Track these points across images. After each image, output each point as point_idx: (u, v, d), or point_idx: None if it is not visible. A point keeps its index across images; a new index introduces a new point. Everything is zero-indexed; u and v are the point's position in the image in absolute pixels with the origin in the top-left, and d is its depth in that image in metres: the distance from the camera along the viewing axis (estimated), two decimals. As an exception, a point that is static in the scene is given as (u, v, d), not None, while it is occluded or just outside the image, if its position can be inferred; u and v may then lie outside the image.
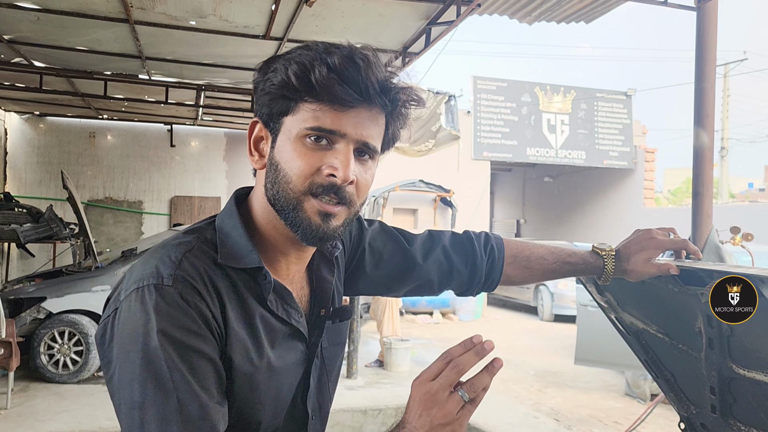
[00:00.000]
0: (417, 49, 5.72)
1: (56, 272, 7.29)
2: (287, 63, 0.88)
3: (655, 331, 1.47)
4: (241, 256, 0.92)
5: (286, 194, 0.90)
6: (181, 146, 11.09)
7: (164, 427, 0.78)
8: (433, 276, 1.26)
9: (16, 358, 5.24)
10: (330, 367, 1.08)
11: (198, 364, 0.82)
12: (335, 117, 0.87)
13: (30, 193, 10.14)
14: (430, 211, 13.40)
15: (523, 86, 13.92)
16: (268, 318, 0.94)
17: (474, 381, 0.84)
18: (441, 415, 0.82)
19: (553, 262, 1.31)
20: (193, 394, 0.81)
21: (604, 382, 7.26)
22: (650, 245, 1.24)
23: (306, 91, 0.87)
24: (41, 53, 6.34)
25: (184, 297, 0.83)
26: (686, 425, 1.63)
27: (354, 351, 6.58)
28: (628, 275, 1.27)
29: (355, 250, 1.21)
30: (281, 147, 0.91)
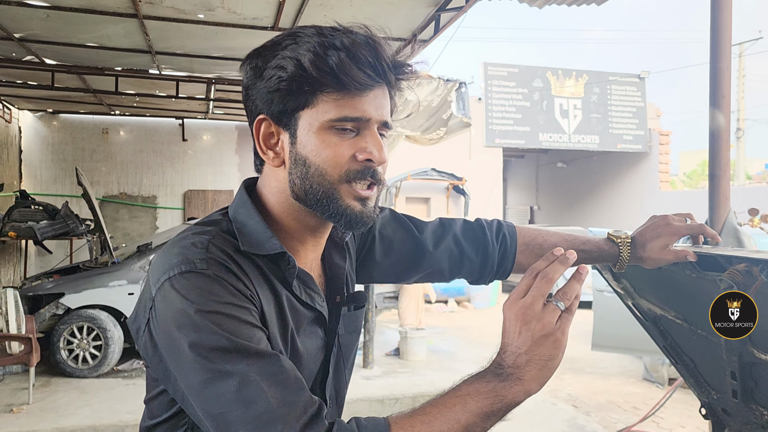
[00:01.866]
0: (426, 36, 5.67)
1: (73, 268, 7.36)
2: (296, 55, 0.87)
3: (673, 317, 1.45)
4: (261, 243, 0.91)
5: (321, 186, 0.89)
6: (193, 140, 11.12)
7: (243, 391, 0.77)
8: (443, 264, 1.25)
9: (37, 354, 5.31)
10: (347, 355, 1.09)
11: (251, 332, 0.82)
12: (358, 103, 0.88)
13: (46, 191, 10.23)
14: (442, 199, 13.36)
15: (534, 71, 13.79)
16: (294, 302, 0.95)
17: (566, 289, 0.84)
18: (540, 327, 0.81)
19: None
20: (259, 354, 0.80)
21: (622, 367, 7.23)
22: (666, 231, 1.22)
23: (326, 82, 0.86)
24: (52, 50, 6.37)
25: (221, 276, 0.83)
26: (707, 411, 1.61)
27: (370, 341, 6.59)
28: (644, 263, 1.25)
29: (365, 237, 1.21)
30: (305, 141, 0.89)
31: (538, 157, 17.66)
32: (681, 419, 5.32)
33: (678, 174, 30.59)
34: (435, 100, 7.33)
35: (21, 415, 4.88)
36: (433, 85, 7.15)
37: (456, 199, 13.38)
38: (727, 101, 3.81)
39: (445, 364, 6.91)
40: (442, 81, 7.22)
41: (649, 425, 5.01)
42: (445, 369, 6.64)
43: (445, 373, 6.43)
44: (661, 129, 14.63)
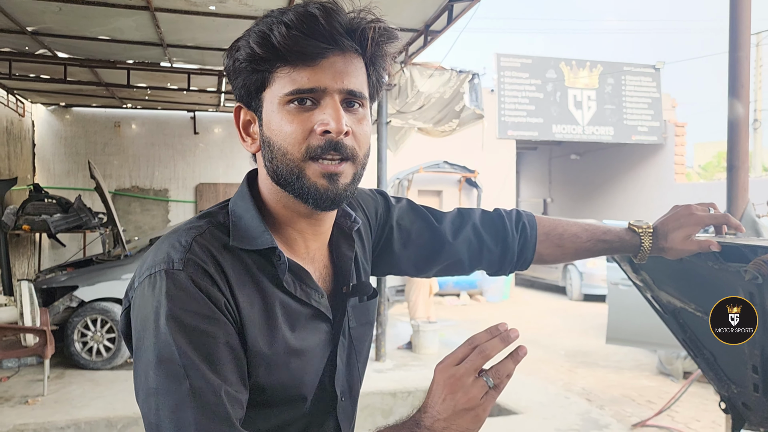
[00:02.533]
0: (439, 27, 5.62)
1: (87, 261, 7.41)
2: (248, 36, 0.87)
3: (693, 309, 1.42)
4: (253, 238, 0.90)
5: (286, 166, 0.88)
6: (205, 133, 11.14)
7: (178, 413, 0.77)
8: (463, 255, 1.22)
9: (51, 346, 5.35)
10: (359, 348, 1.06)
11: (210, 348, 0.81)
12: (311, 73, 0.85)
13: (59, 184, 10.30)
14: (455, 192, 13.31)
15: (547, 62, 13.65)
16: (286, 301, 0.91)
17: (499, 367, 0.83)
18: (465, 400, 0.81)
19: (587, 240, 1.25)
20: (206, 379, 0.79)
21: (636, 361, 7.17)
22: (689, 221, 1.18)
23: (274, 58, 0.85)
24: (64, 44, 6.39)
25: (195, 280, 0.82)
26: (727, 405, 1.57)
27: (382, 334, 6.58)
28: (666, 253, 1.21)
29: (383, 228, 1.18)
30: (268, 122, 0.89)
31: (552, 149, 17.52)
32: (697, 413, 5.26)
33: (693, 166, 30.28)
34: (447, 92, 7.29)
35: (36, 407, 4.92)
36: (445, 77, 7.10)
37: (468, 192, 13.32)
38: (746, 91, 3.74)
39: (457, 357, 6.88)
40: (454, 72, 7.17)
41: (664, 419, 4.96)
42: (457, 362, 6.61)
43: (457, 366, 6.41)
44: (676, 120, 14.46)
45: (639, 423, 4.90)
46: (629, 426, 4.85)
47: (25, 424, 4.56)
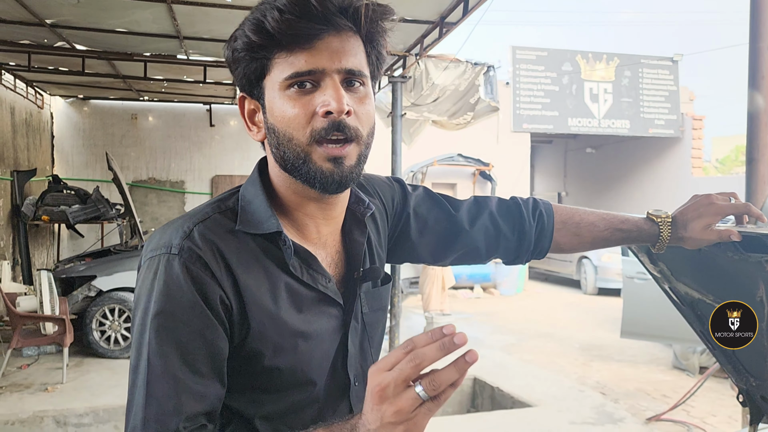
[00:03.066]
0: (454, 18, 5.59)
1: (105, 251, 7.49)
2: (243, 26, 0.87)
3: (711, 301, 1.41)
4: (260, 222, 0.91)
5: (292, 151, 0.88)
6: (221, 125, 11.19)
7: (135, 393, 0.83)
8: (480, 242, 1.22)
9: (70, 335, 5.43)
10: (372, 333, 1.06)
11: (185, 339, 0.83)
12: (307, 56, 0.85)
13: (77, 176, 10.40)
14: (469, 185, 13.27)
15: (563, 55, 13.54)
16: (292, 284, 0.92)
17: (435, 377, 0.69)
18: (392, 412, 0.69)
19: (605, 229, 1.25)
20: (166, 368, 0.82)
21: (651, 355, 7.13)
22: (710, 211, 1.17)
23: (270, 44, 0.86)
24: (82, 36, 6.44)
25: (188, 267, 0.84)
26: (745, 398, 1.57)
27: (396, 326, 6.60)
28: (685, 243, 1.20)
29: (399, 215, 1.19)
30: (271, 109, 0.89)
31: (567, 143, 17.40)
32: (712, 408, 5.23)
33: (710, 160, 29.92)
34: (462, 84, 7.26)
35: (55, 394, 5.00)
36: (460, 69, 7.07)
37: (483, 185, 13.28)
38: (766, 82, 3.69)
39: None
40: (469, 65, 7.13)
41: (679, 413, 4.94)
42: (471, 354, 6.61)
43: (471, 358, 6.41)
44: (694, 113, 14.29)
45: (654, 417, 4.88)
46: (644, 420, 4.83)
47: (45, 411, 4.63)
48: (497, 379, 5.59)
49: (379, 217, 1.13)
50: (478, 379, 5.72)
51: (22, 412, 4.60)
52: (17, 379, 5.40)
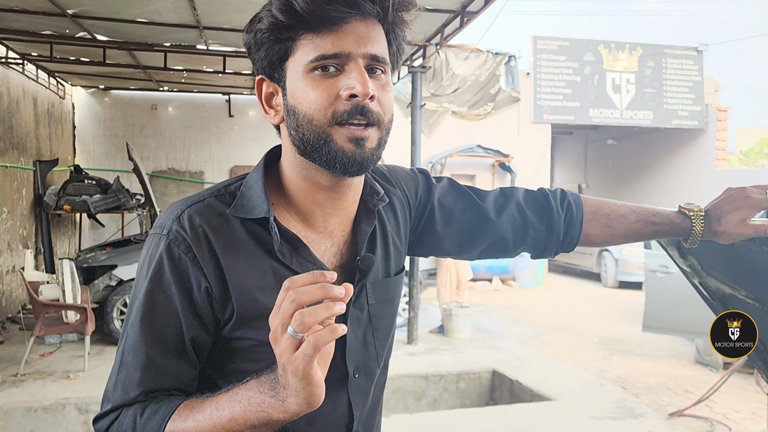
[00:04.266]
0: (476, 8, 5.52)
1: (125, 241, 7.56)
2: (269, 6, 0.88)
3: (744, 296, 1.36)
4: (252, 207, 0.92)
5: (312, 132, 0.88)
6: (239, 116, 11.22)
7: (121, 360, 0.90)
8: (507, 233, 1.19)
9: (92, 323, 5.49)
10: (377, 325, 1.03)
11: (160, 318, 0.88)
12: (334, 39, 0.86)
13: (98, 166, 10.50)
14: (488, 176, 13.18)
15: (586, 45, 13.36)
16: (279, 270, 0.92)
17: (301, 313, 0.69)
18: (278, 354, 0.72)
19: (635, 221, 1.21)
20: (136, 341, 0.88)
21: (673, 349, 7.04)
22: (745, 204, 1.13)
23: (297, 25, 0.86)
24: (104, 27, 6.47)
25: (172, 250, 0.88)
26: (776, 397, 1.52)
27: (414, 317, 6.58)
28: (719, 237, 1.17)
29: (424, 207, 1.17)
30: (292, 91, 0.89)
31: (588, 134, 17.20)
32: (736, 404, 5.15)
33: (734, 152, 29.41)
34: (483, 75, 7.18)
35: (77, 382, 5.06)
36: (481, 59, 7.00)
37: (502, 177, 13.18)
38: (797, 71, 3.57)
39: (489, 342, 6.86)
40: (490, 54, 7.06)
41: (701, 409, 4.87)
42: (488, 347, 6.59)
43: (488, 351, 6.38)
44: (719, 104, 14.03)
45: (676, 412, 4.81)
46: (666, 415, 4.77)
47: (67, 398, 4.69)
48: (516, 372, 5.55)
49: (400, 207, 1.12)
50: (497, 371, 5.69)
51: (45, 399, 4.67)
52: (40, 366, 5.47)
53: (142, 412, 0.86)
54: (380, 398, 1.11)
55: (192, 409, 0.84)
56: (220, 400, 0.81)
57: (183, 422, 0.83)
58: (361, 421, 1.03)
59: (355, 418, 1.00)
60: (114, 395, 0.89)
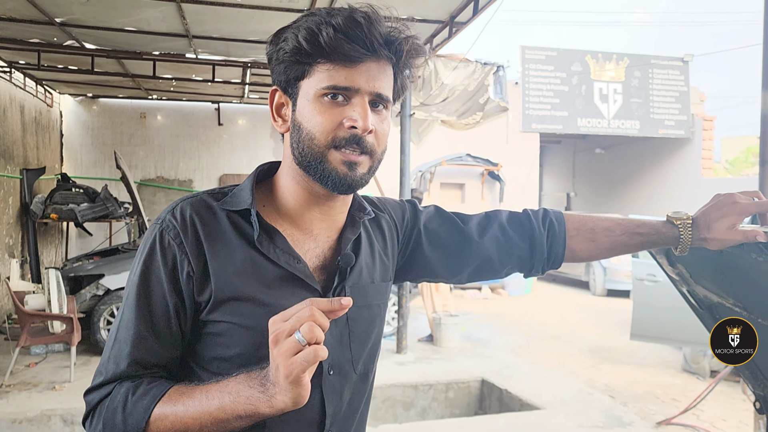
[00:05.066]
0: (464, 18, 5.56)
1: (113, 250, 7.50)
2: (296, 31, 0.96)
3: (731, 304, 1.38)
4: (238, 202, 1.03)
5: (311, 150, 0.97)
6: (229, 124, 11.20)
7: (115, 335, 0.99)
8: (492, 253, 1.25)
9: (78, 333, 5.43)
10: (353, 327, 1.08)
11: (150, 297, 0.98)
12: (348, 74, 0.95)
13: (86, 174, 10.44)
14: (477, 185, 13.23)
15: (573, 55, 13.48)
16: (257, 258, 1.00)
17: (316, 327, 0.81)
18: (277, 354, 0.81)
19: (621, 234, 1.23)
20: (129, 318, 0.98)
21: (661, 358, 7.07)
22: (733, 210, 1.14)
23: (317, 54, 0.95)
24: (92, 35, 6.45)
25: (164, 237, 0.99)
26: (762, 404, 1.53)
27: (404, 326, 6.57)
28: (709, 244, 1.17)
29: (411, 231, 1.25)
30: (302, 108, 0.99)
31: (576, 143, 17.33)
32: (723, 412, 5.18)
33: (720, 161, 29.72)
34: (472, 84, 7.22)
35: (63, 393, 5.00)
36: (470, 69, 7.04)
37: (491, 185, 13.24)
38: (781, 83, 3.62)
39: (478, 351, 6.86)
40: (479, 64, 7.10)
41: (689, 418, 4.89)
42: (478, 356, 6.59)
43: (478, 359, 6.38)
44: (704, 114, 14.19)
45: (664, 421, 4.83)
46: (654, 424, 4.78)
47: (52, 410, 4.63)
48: (505, 381, 5.55)
49: (388, 229, 1.21)
50: (486, 381, 5.69)
51: (30, 410, 4.61)
52: (25, 377, 5.41)
53: (134, 391, 0.94)
54: (361, 406, 1.13)
55: (182, 395, 0.91)
56: (211, 390, 0.89)
57: (173, 406, 0.91)
58: (336, 423, 1.06)
59: (327, 414, 1.04)
60: (107, 368, 0.97)
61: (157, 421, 0.91)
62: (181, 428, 0.89)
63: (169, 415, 0.90)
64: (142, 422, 0.91)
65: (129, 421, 0.91)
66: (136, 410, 0.91)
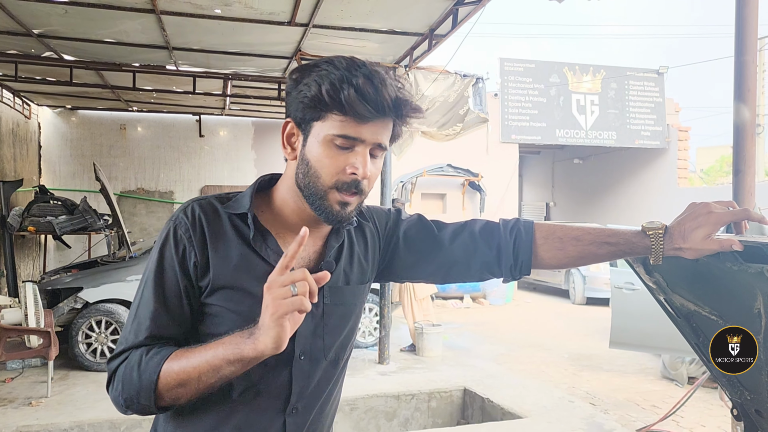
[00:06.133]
0: (444, 31, 5.62)
1: (92, 263, 7.41)
2: (320, 80, 1.10)
3: (708, 313, 1.40)
4: (239, 206, 1.21)
5: (315, 186, 1.15)
6: (210, 136, 11.16)
7: (136, 311, 1.16)
8: (459, 258, 1.36)
9: (55, 348, 5.35)
10: (327, 322, 1.25)
11: (166, 281, 1.16)
12: (357, 127, 1.11)
13: (64, 186, 10.32)
14: (458, 195, 13.30)
15: (551, 67, 13.66)
16: (250, 255, 1.18)
17: (304, 282, 0.99)
18: (270, 298, 0.98)
19: (590, 243, 1.25)
20: (148, 297, 1.15)
21: (640, 365, 7.16)
22: (709, 220, 1.14)
23: (335, 107, 1.09)
24: (71, 46, 6.41)
25: (177, 230, 1.17)
26: (740, 411, 1.56)
27: (386, 337, 6.58)
28: (684, 253, 1.18)
29: (391, 237, 1.40)
30: (311, 146, 1.14)
31: (555, 153, 17.51)
32: (701, 418, 5.25)
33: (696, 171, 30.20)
34: (452, 96, 7.28)
35: (39, 408, 4.92)
36: (449, 81, 7.10)
37: (472, 195, 13.32)
38: (752, 95, 3.73)
39: (460, 360, 6.88)
40: (459, 76, 7.16)
41: (668, 424, 4.95)
42: (460, 365, 6.61)
43: (460, 369, 6.40)
44: (679, 125, 14.43)
45: (644, 428, 4.88)
46: (634, 431, 4.83)
47: (29, 426, 4.55)
48: (487, 390, 5.58)
49: (371, 237, 1.36)
50: (468, 390, 5.71)
51: (6, 427, 4.52)
52: (1, 393, 5.31)
53: (147, 352, 1.11)
54: (329, 386, 1.29)
55: (186, 351, 1.09)
56: (210, 344, 1.07)
57: (177, 361, 1.08)
58: (302, 399, 1.22)
59: (293, 391, 1.21)
60: (127, 339, 1.14)
61: (165, 374, 1.07)
62: (184, 377, 1.06)
63: (175, 368, 1.07)
64: (154, 375, 1.07)
65: (144, 377, 1.08)
66: (149, 367, 1.08)
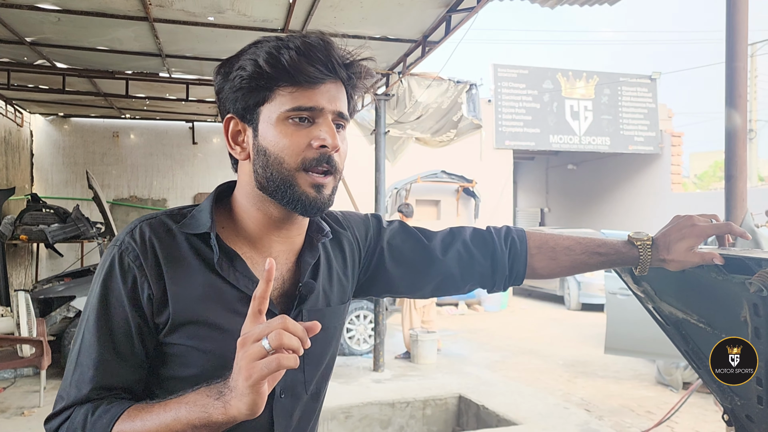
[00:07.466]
0: (437, 37, 5.64)
1: (84, 271, 7.38)
2: (254, 56, 0.97)
3: (696, 320, 1.41)
4: (198, 225, 1.02)
5: (280, 174, 0.98)
6: (203, 143, 11.15)
7: (76, 361, 0.97)
8: (453, 270, 1.27)
9: (48, 357, 5.31)
10: (308, 351, 1.04)
11: (110, 320, 0.97)
12: (311, 95, 0.97)
13: (56, 194, 10.28)
14: (452, 201, 13.32)
15: (544, 73, 13.72)
16: (216, 282, 1.00)
17: (280, 333, 0.80)
18: (241, 356, 0.82)
19: (581, 253, 1.26)
20: (93, 346, 0.96)
21: (635, 371, 7.16)
22: (692, 233, 1.16)
23: (280, 77, 0.96)
24: (63, 54, 6.39)
25: (123, 259, 0.98)
26: (730, 417, 1.56)
27: (380, 344, 6.56)
28: (668, 265, 1.20)
29: (374, 248, 1.26)
30: (265, 133, 0.99)
31: (548, 159, 17.57)
32: (696, 424, 5.25)
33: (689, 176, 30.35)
34: (445, 102, 7.31)
35: (32, 418, 4.88)
36: (443, 87, 7.12)
37: (466, 202, 13.34)
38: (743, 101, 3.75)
39: (455, 368, 6.87)
40: (452, 83, 7.19)
41: (663, 430, 4.94)
42: (455, 372, 6.60)
43: (455, 376, 6.39)
44: (672, 130, 14.51)
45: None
46: (629, 437, 4.83)
47: (22, 436, 4.52)
48: (482, 397, 5.56)
49: (348, 248, 1.21)
50: (463, 397, 5.69)
51: (-2, 437, 4.49)
52: (-7, 403, 5.28)
53: (94, 411, 0.93)
54: (311, 424, 1.15)
55: (141, 411, 0.91)
56: (169, 403, 0.89)
57: (131, 422, 0.90)
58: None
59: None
60: (69, 394, 0.96)
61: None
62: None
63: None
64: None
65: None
66: (95, 430, 0.91)
